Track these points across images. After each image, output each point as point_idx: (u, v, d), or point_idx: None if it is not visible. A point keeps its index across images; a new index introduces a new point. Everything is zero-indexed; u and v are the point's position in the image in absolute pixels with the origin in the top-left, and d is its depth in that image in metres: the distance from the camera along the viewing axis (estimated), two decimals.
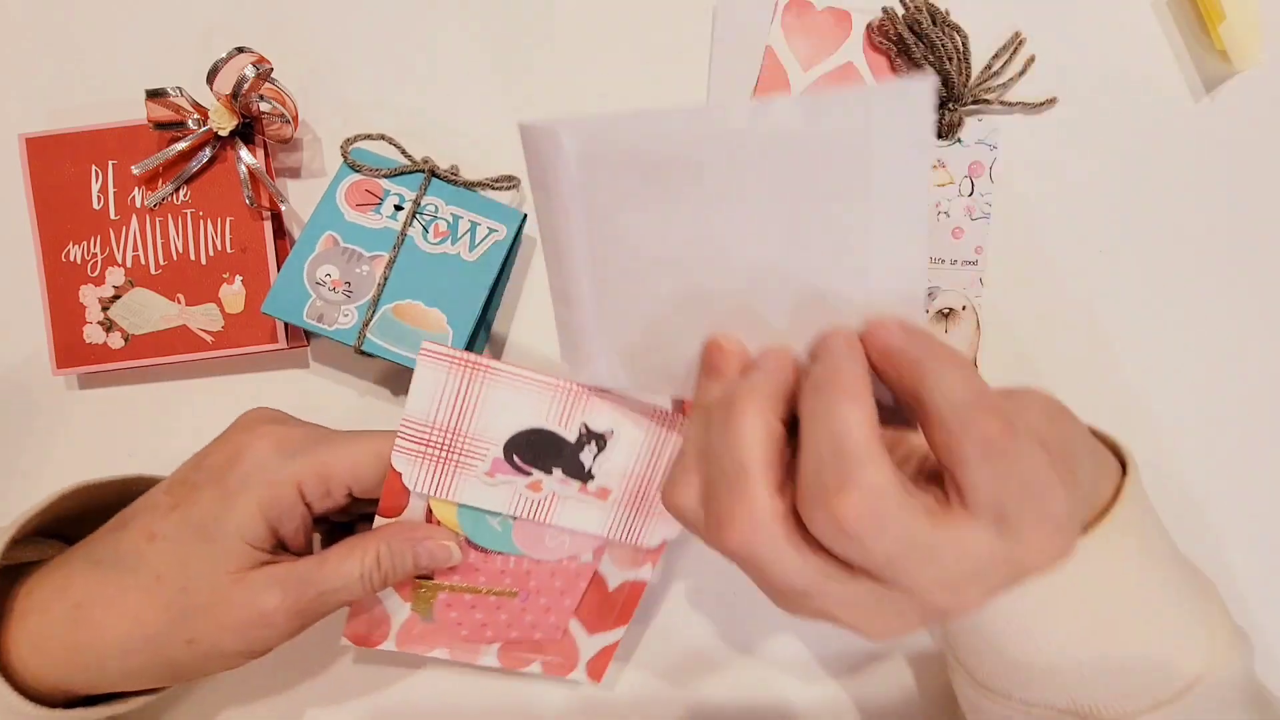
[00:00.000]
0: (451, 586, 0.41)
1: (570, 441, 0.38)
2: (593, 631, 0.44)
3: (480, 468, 0.38)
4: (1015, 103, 0.50)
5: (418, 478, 0.38)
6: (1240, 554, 0.49)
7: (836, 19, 0.50)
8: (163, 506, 0.37)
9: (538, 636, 0.43)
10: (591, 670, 0.44)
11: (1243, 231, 0.50)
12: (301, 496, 0.37)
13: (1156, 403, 0.49)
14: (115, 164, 0.48)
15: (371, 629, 0.42)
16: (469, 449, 0.38)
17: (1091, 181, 0.50)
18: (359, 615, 0.42)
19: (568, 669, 0.44)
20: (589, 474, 0.39)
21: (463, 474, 0.38)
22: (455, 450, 0.38)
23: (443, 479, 0.38)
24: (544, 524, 0.40)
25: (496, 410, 0.37)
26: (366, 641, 0.42)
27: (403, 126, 0.48)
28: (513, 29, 0.51)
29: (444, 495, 0.38)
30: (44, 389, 0.50)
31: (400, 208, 0.46)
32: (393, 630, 0.42)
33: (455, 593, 0.42)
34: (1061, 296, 0.50)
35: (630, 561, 0.42)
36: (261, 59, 0.45)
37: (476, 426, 0.38)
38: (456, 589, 0.41)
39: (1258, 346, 0.49)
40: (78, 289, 0.47)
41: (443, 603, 0.42)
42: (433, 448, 0.38)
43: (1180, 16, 0.51)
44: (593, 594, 0.43)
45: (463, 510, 0.40)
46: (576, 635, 0.44)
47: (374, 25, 0.50)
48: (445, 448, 0.38)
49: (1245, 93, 0.50)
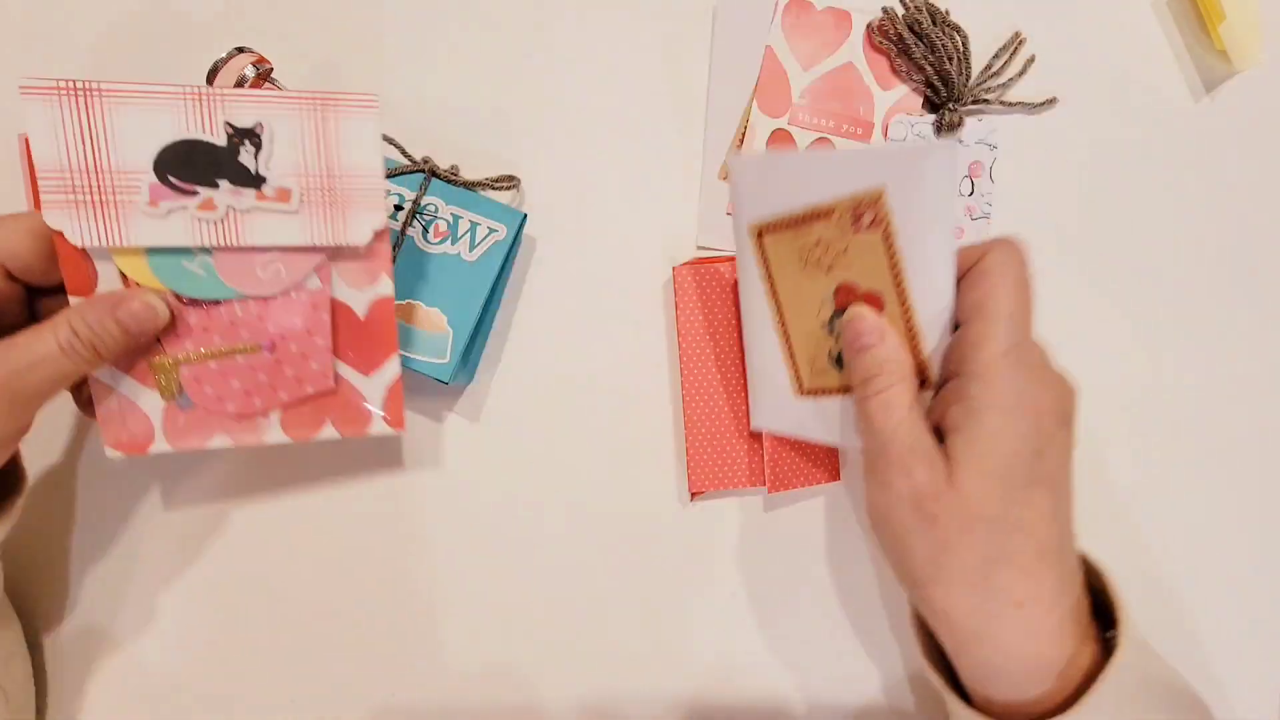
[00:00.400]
0: (188, 357, 0.39)
1: (222, 146, 0.36)
2: (367, 371, 0.41)
3: (140, 200, 0.36)
4: (1015, 103, 0.50)
5: (80, 229, 0.36)
6: (1242, 553, 0.48)
7: (836, 19, 0.50)
8: None
9: (310, 390, 0.41)
10: (390, 417, 0.42)
11: (1243, 231, 0.50)
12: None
13: (1157, 402, 0.49)
14: None
15: (132, 431, 0.40)
16: (120, 185, 0.36)
17: (1091, 181, 0.50)
18: (110, 420, 0.40)
19: (363, 422, 0.42)
20: (258, 177, 0.37)
21: (125, 212, 0.36)
22: (106, 189, 0.36)
23: (107, 223, 0.36)
24: (243, 251, 0.38)
25: (131, 134, 0.36)
26: (134, 447, 0.40)
27: (403, 126, 0.48)
28: (514, 28, 0.51)
29: (116, 241, 0.37)
30: None
31: (400, 208, 0.46)
32: (157, 427, 0.40)
33: (197, 363, 0.39)
34: (1061, 296, 0.49)
35: (364, 275, 0.40)
36: (261, 59, 0.45)
37: (118, 158, 0.36)
38: (195, 359, 0.39)
39: (1258, 346, 0.49)
40: None
41: (190, 378, 0.40)
42: (80, 192, 0.36)
43: (1180, 16, 0.51)
44: (344, 327, 0.41)
45: (154, 261, 0.38)
46: (352, 379, 0.41)
47: (374, 25, 0.50)
48: (95, 189, 0.36)
49: (1245, 93, 0.50)
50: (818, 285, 0.40)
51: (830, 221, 0.38)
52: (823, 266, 0.40)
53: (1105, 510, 0.48)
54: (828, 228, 0.39)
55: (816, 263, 0.40)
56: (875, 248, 0.37)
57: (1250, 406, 0.49)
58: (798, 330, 0.43)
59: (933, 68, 0.49)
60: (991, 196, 0.49)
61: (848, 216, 0.38)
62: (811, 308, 0.41)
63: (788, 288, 0.42)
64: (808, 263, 0.40)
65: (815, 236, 0.39)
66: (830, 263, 0.39)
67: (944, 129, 0.49)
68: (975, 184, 0.49)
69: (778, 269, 0.42)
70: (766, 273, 0.43)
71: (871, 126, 0.50)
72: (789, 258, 0.41)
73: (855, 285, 0.39)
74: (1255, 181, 0.50)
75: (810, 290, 0.41)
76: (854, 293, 0.39)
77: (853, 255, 0.38)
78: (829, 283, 0.40)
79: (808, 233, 0.39)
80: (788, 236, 0.40)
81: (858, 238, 0.38)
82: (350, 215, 0.38)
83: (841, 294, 0.40)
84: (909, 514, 0.34)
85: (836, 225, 0.38)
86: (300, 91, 0.38)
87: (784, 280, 0.42)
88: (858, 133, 0.50)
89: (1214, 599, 0.48)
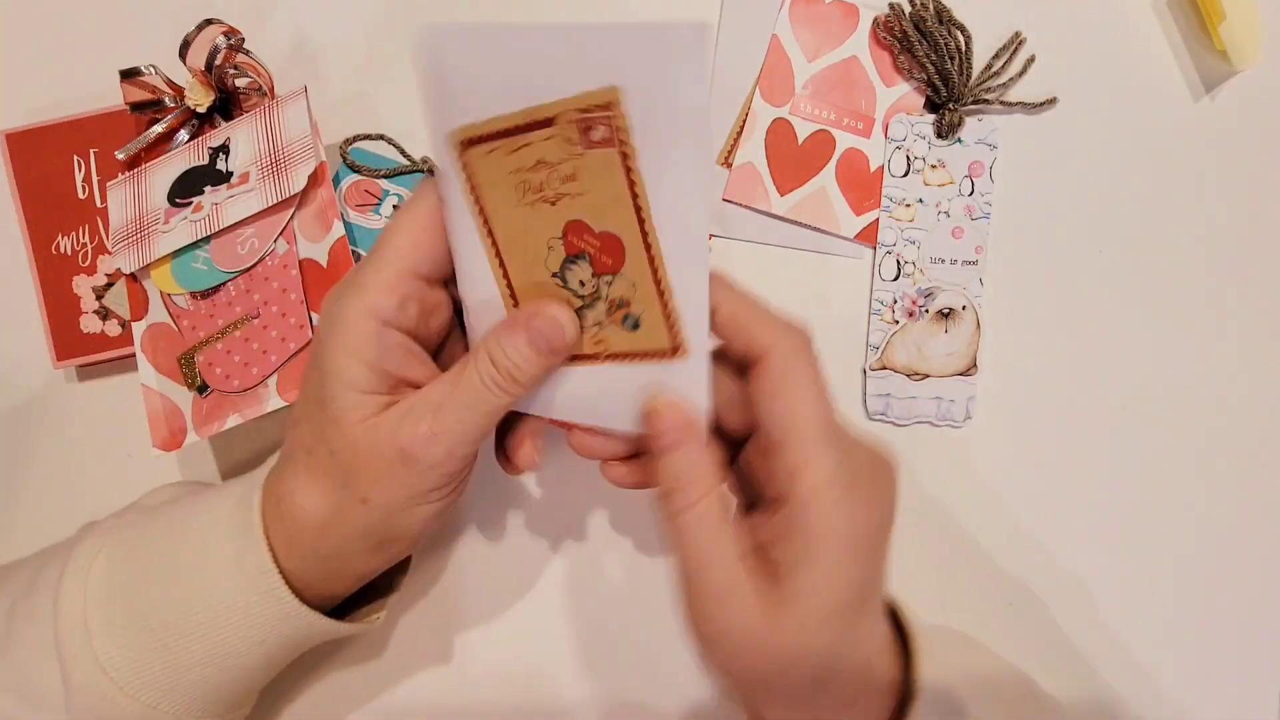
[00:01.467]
0: (200, 345, 0.44)
1: (206, 164, 0.45)
2: None
3: (160, 225, 0.45)
4: (1015, 103, 0.50)
5: (130, 262, 0.45)
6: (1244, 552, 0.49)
7: (844, 12, 0.50)
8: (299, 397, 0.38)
9: (293, 348, 0.43)
10: None
11: (1243, 231, 0.50)
12: (382, 320, 0.34)
13: (1157, 402, 0.50)
14: (97, 152, 0.48)
15: (171, 428, 0.44)
16: (150, 220, 0.45)
17: (1091, 181, 0.50)
18: (156, 421, 0.44)
19: None
20: (228, 174, 0.45)
21: (153, 237, 0.45)
22: (144, 227, 0.45)
23: (142, 249, 0.45)
24: (226, 233, 0.44)
25: (158, 184, 0.45)
26: (173, 443, 0.44)
27: (402, 126, 0.47)
28: (515, 19, 0.50)
29: (148, 259, 0.44)
30: (44, 383, 0.49)
31: (399, 208, 0.46)
32: (187, 419, 0.44)
33: (208, 348, 0.44)
34: (1061, 296, 0.50)
35: (319, 226, 0.44)
36: (231, 29, 0.44)
37: (150, 203, 0.45)
38: (206, 344, 0.44)
39: (1258, 345, 0.50)
40: (70, 280, 0.48)
41: (204, 365, 0.44)
42: (131, 237, 0.45)
43: (1180, 16, 0.51)
44: (314, 281, 0.44)
45: (173, 267, 0.44)
46: None
47: (373, 24, 0.49)
48: (137, 231, 0.45)
49: (1245, 92, 0.51)
50: (542, 221, 0.32)
51: (552, 133, 0.29)
52: (546, 196, 0.31)
53: (1106, 510, 0.49)
54: (549, 143, 0.30)
55: (538, 191, 0.31)
56: (610, 172, 0.29)
57: (1250, 406, 0.50)
58: (523, 280, 0.34)
59: (934, 66, 0.48)
60: (991, 196, 0.49)
61: (573, 127, 0.29)
62: (537, 251, 0.33)
63: (504, 223, 0.32)
64: (528, 190, 0.31)
65: (535, 155, 0.30)
66: (556, 192, 0.31)
67: (944, 129, 0.49)
68: (975, 184, 0.49)
69: (490, 196, 0.32)
70: (476, 201, 0.32)
71: (873, 122, 0.50)
72: (503, 182, 0.31)
73: (587, 224, 0.31)
74: (1255, 181, 0.50)
75: (534, 227, 0.32)
76: (587, 233, 0.31)
77: (583, 182, 0.30)
78: (556, 219, 0.31)
79: (525, 149, 0.30)
80: (499, 151, 0.31)
81: (587, 157, 0.29)
82: (291, 172, 0.44)
83: (571, 235, 0.32)
84: (732, 645, 0.32)
85: (560, 139, 0.29)
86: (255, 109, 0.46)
87: (499, 213, 0.32)
88: (859, 127, 0.50)
89: (1215, 598, 0.49)
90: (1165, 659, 0.48)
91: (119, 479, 0.48)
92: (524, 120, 0.29)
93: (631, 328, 0.33)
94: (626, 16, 0.50)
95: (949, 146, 0.50)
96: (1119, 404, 0.49)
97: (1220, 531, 0.49)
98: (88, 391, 0.50)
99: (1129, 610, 0.48)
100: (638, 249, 0.30)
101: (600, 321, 0.34)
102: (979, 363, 0.49)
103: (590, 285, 0.33)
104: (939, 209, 0.49)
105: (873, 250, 0.50)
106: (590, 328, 0.34)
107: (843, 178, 0.50)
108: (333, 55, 0.50)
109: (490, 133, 0.30)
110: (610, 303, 0.33)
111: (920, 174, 0.50)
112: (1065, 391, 0.49)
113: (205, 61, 0.44)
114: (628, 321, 0.33)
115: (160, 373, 0.45)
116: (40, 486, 0.49)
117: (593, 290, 0.33)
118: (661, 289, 0.31)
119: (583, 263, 0.32)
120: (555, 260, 0.33)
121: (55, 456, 0.49)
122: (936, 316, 0.49)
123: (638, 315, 0.32)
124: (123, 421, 0.49)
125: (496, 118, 0.30)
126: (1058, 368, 0.49)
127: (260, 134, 0.45)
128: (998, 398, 0.49)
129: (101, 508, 0.48)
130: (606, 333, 0.34)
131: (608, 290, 0.33)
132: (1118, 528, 0.49)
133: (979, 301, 0.49)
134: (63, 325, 0.47)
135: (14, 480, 0.49)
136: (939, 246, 0.49)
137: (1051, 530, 0.49)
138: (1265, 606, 0.49)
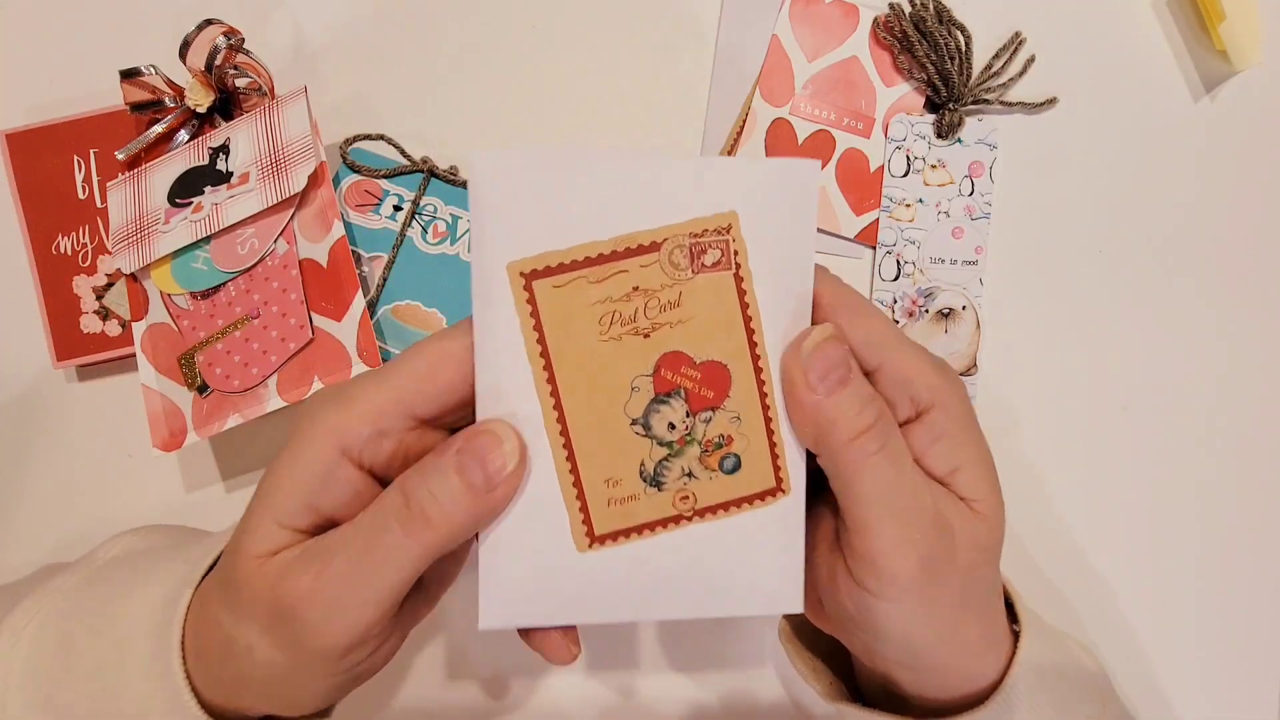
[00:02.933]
0: (200, 345, 0.44)
1: (207, 164, 0.45)
2: (339, 316, 0.44)
3: (160, 225, 0.45)
4: (1015, 103, 0.50)
5: (130, 262, 0.45)
6: (1245, 554, 0.49)
7: (844, 12, 0.50)
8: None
9: (293, 348, 0.43)
10: (364, 354, 0.44)
11: (1243, 231, 0.50)
12: (342, 449, 0.29)
13: (1158, 403, 0.50)
14: (97, 152, 0.48)
15: (171, 428, 0.44)
16: (150, 220, 0.45)
17: (1091, 181, 0.50)
18: (156, 421, 0.44)
19: (345, 367, 0.44)
20: (228, 174, 0.45)
21: (154, 237, 0.45)
22: (144, 227, 0.45)
23: (142, 250, 0.45)
24: (226, 234, 0.44)
25: (158, 185, 0.45)
26: (173, 444, 0.44)
27: (402, 127, 0.47)
28: (514, 22, 0.50)
29: (148, 259, 0.44)
30: (44, 383, 0.49)
31: (399, 208, 0.46)
32: (187, 419, 0.44)
33: (208, 348, 0.44)
34: (1061, 296, 0.50)
35: (319, 227, 0.44)
36: (231, 29, 0.44)
37: (150, 204, 0.45)
38: (206, 344, 0.44)
39: (1258, 345, 0.50)
40: (70, 280, 0.48)
41: (204, 365, 0.44)
42: (131, 237, 0.45)
43: (1180, 16, 0.51)
44: (314, 281, 0.44)
45: (173, 268, 0.45)
46: (328, 328, 0.44)
47: (372, 24, 0.49)
48: (137, 231, 0.45)
49: (1245, 93, 0.51)
50: (629, 357, 0.29)
51: (655, 259, 0.28)
52: (639, 329, 0.29)
53: (1106, 511, 0.49)
54: (650, 269, 0.28)
55: (628, 323, 0.29)
56: (721, 296, 0.28)
57: (1252, 407, 0.50)
58: (587, 431, 0.29)
59: (934, 66, 0.48)
60: (991, 197, 0.49)
61: (682, 252, 0.28)
62: (616, 393, 0.29)
63: (575, 364, 0.29)
64: (614, 323, 0.28)
65: (630, 283, 0.28)
66: (652, 323, 0.29)
67: (944, 129, 0.49)
68: (975, 184, 0.49)
69: (559, 334, 0.28)
70: (538, 341, 0.28)
71: (873, 122, 0.50)
72: (580, 316, 0.28)
73: (687, 354, 0.29)
74: (1255, 181, 0.50)
75: (616, 365, 0.29)
76: (685, 365, 0.29)
77: (687, 308, 0.29)
78: (648, 353, 0.29)
79: (617, 276, 0.28)
80: (581, 282, 0.28)
81: (696, 282, 0.28)
82: (291, 172, 0.44)
83: (665, 369, 0.29)
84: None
85: (665, 264, 0.28)
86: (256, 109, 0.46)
87: (569, 353, 0.28)
88: (859, 127, 0.50)
89: (1216, 598, 0.49)
90: (1165, 659, 0.48)
91: (119, 479, 0.48)
92: (620, 247, 0.28)
93: (730, 470, 0.30)
94: (629, 27, 0.50)
95: (949, 146, 0.50)
96: (1120, 405, 0.49)
97: (1222, 533, 0.49)
98: (88, 392, 0.49)
99: (1129, 611, 0.48)
100: (746, 376, 0.29)
101: (691, 471, 0.30)
102: (979, 363, 0.49)
103: (682, 427, 0.30)
104: (939, 209, 0.49)
105: (873, 250, 0.50)
106: (675, 482, 0.30)
107: (843, 178, 0.50)
108: (333, 55, 0.50)
109: (570, 262, 0.28)
110: (705, 444, 0.30)
111: (920, 174, 0.50)
112: (1066, 392, 0.49)
113: (205, 61, 0.44)
114: (726, 463, 0.30)
115: (160, 373, 0.45)
116: (40, 486, 0.49)
117: (684, 433, 0.30)
118: (769, 418, 0.29)
119: (676, 401, 0.29)
120: (639, 403, 0.29)
121: (55, 457, 0.49)
122: (937, 316, 0.49)
123: (739, 454, 0.30)
124: (123, 422, 0.49)
125: (582, 245, 0.28)
126: (1058, 368, 0.49)
127: (260, 134, 0.45)
128: (998, 398, 0.49)
129: (100, 508, 0.48)
130: (696, 485, 0.30)
131: (704, 430, 0.30)
132: (1118, 529, 0.49)
133: (979, 301, 0.49)
134: (63, 325, 0.47)
135: (13, 480, 0.49)
136: (939, 247, 0.49)
137: (1052, 531, 0.49)
138: (1266, 607, 0.49)
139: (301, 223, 0.44)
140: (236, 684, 0.31)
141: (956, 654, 0.32)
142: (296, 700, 0.32)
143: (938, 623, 0.31)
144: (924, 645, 0.31)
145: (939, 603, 0.30)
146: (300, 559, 0.28)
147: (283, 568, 0.29)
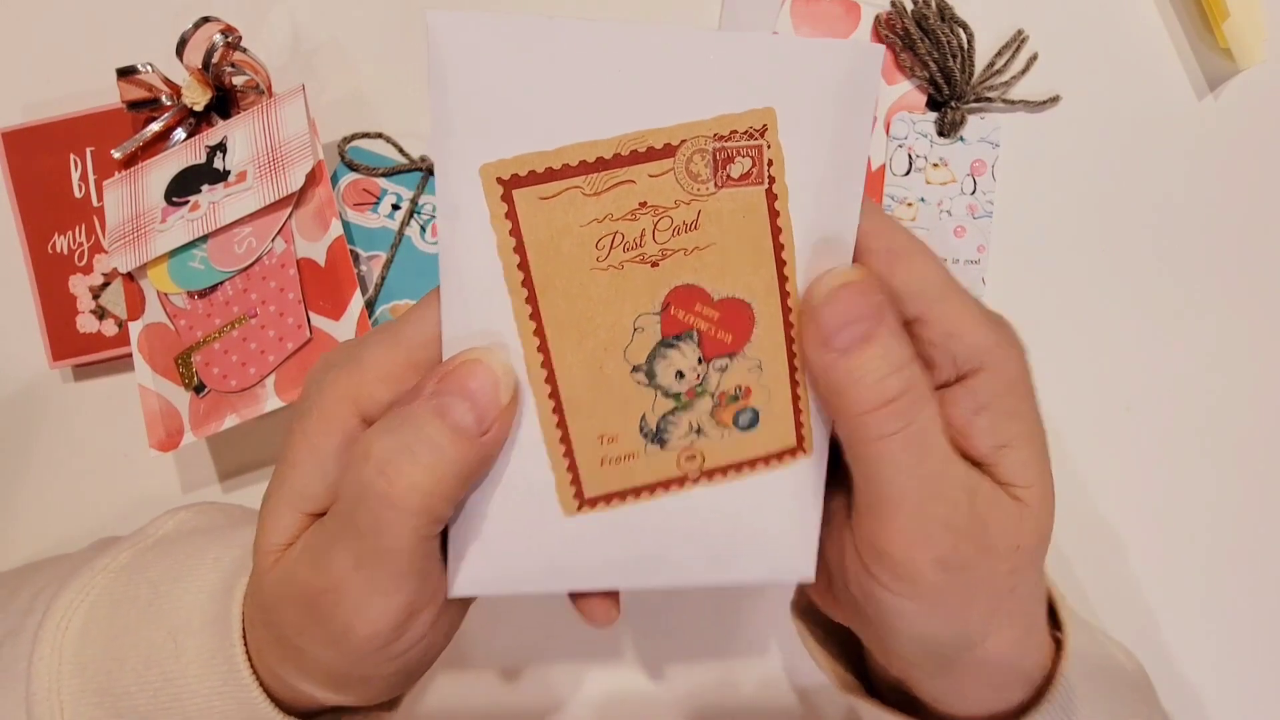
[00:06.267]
0: (197, 345, 0.44)
1: (202, 162, 0.45)
2: (337, 315, 0.44)
3: (157, 224, 0.44)
4: (1018, 101, 0.50)
5: (127, 261, 0.44)
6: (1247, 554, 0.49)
7: (846, 9, 0.50)
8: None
9: (290, 347, 0.43)
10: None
11: (1245, 230, 0.50)
12: (362, 415, 0.25)
13: (1157, 401, 0.49)
14: (93, 150, 0.48)
15: (168, 428, 0.44)
16: (147, 219, 0.45)
17: (1094, 180, 0.50)
18: (153, 421, 0.44)
19: None
20: (225, 172, 0.45)
21: (151, 236, 0.44)
22: (141, 227, 0.45)
23: (139, 248, 0.44)
24: (223, 232, 0.44)
25: (154, 183, 0.45)
26: (170, 444, 0.44)
27: (400, 125, 0.47)
28: None
29: (144, 258, 0.44)
30: (40, 383, 0.49)
31: (398, 207, 0.46)
32: (185, 420, 0.44)
33: (205, 348, 0.44)
34: (1064, 296, 0.50)
35: (316, 226, 0.44)
36: (228, 27, 0.44)
37: (146, 202, 0.45)
38: (203, 344, 0.44)
39: (1259, 345, 0.49)
40: (67, 279, 0.47)
41: (201, 364, 0.44)
42: (128, 236, 0.45)
43: (1183, 14, 0.51)
44: (311, 280, 0.44)
45: (170, 267, 0.44)
46: (326, 328, 0.44)
47: (371, 22, 0.49)
48: (134, 230, 0.45)
49: (1249, 91, 0.50)
50: (632, 289, 0.24)
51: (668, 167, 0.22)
52: (645, 255, 0.23)
53: (1108, 512, 0.49)
54: (661, 179, 0.23)
55: (633, 248, 0.23)
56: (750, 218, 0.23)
57: (1255, 407, 0.49)
58: (578, 378, 0.24)
59: (936, 64, 0.48)
60: (993, 195, 0.49)
61: (704, 160, 0.23)
62: (615, 334, 0.24)
63: (565, 297, 0.23)
64: (615, 247, 0.23)
65: (637, 197, 0.23)
66: (661, 248, 0.23)
67: (946, 127, 0.49)
68: (978, 182, 0.49)
69: (544, 258, 0.23)
70: (519, 266, 0.23)
71: (875, 120, 0.50)
72: (572, 237, 0.23)
73: (704, 289, 0.24)
74: (1258, 180, 0.50)
75: (616, 299, 0.24)
76: (700, 301, 0.24)
77: (707, 231, 0.23)
78: (655, 285, 0.24)
79: (620, 188, 0.22)
80: (573, 193, 0.22)
81: (719, 199, 0.23)
82: (288, 171, 0.43)
83: (676, 306, 0.24)
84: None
85: (682, 175, 0.23)
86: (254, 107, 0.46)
87: (557, 282, 0.23)
88: None
89: (1216, 599, 0.49)
90: (1165, 659, 0.48)
91: (115, 480, 0.48)
92: (625, 150, 0.22)
93: (746, 426, 0.26)
94: (635, 15, 0.50)
95: (951, 145, 0.49)
96: (1123, 405, 0.49)
97: (1224, 534, 0.49)
98: (84, 392, 0.49)
99: (1130, 611, 0.48)
100: (773, 318, 0.24)
101: (700, 427, 0.26)
102: None
103: (693, 376, 0.25)
104: (941, 208, 0.49)
105: None
106: (680, 440, 0.26)
107: None
108: (331, 53, 0.50)
109: (561, 167, 0.22)
110: (719, 397, 0.25)
111: (922, 173, 0.49)
112: (1068, 392, 0.49)
113: (202, 59, 0.44)
114: (741, 419, 0.26)
115: (157, 373, 0.45)
116: (36, 487, 0.48)
117: (695, 383, 0.25)
118: (795, 366, 0.25)
119: (687, 344, 0.24)
120: (643, 346, 0.24)
121: (51, 457, 0.49)
122: None
123: (758, 408, 0.25)
124: (119, 422, 0.48)
125: (576, 145, 0.22)
126: (1061, 368, 0.49)
127: (258, 132, 0.45)
128: None
129: (98, 508, 0.48)
130: (705, 442, 0.26)
131: (718, 380, 0.25)
132: (1120, 529, 0.49)
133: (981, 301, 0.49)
134: (59, 325, 0.47)
135: (10, 480, 0.49)
136: (941, 246, 0.49)
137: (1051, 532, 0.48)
138: (1266, 608, 0.48)
139: (299, 221, 0.44)
140: (298, 678, 0.29)
141: (981, 665, 0.28)
142: (362, 692, 0.29)
143: (958, 627, 0.27)
144: (942, 651, 0.27)
145: (962, 607, 0.26)
146: (306, 553, 0.26)
147: (292, 564, 0.26)
